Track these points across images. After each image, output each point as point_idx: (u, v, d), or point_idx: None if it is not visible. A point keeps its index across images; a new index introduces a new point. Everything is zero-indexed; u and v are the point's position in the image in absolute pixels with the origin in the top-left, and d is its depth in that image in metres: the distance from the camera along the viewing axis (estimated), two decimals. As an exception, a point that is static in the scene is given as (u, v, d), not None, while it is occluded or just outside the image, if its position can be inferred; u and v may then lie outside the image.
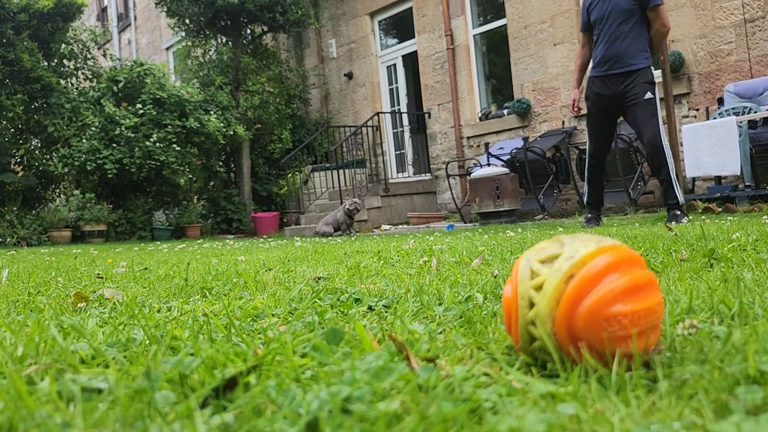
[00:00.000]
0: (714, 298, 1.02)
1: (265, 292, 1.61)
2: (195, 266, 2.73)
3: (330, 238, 7.85)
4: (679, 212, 4.85)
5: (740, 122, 6.78)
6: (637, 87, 4.79)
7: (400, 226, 10.00)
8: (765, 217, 4.19)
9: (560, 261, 0.77)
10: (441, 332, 1.00)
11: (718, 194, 7.10)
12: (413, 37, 11.65)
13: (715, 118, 7.29)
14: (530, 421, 0.56)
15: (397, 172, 12.17)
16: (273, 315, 1.24)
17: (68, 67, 12.00)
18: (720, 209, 6.62)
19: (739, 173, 6.77)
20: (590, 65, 5.31)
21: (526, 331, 0.78)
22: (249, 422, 0.60)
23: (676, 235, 2.59)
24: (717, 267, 1.57)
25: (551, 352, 0.75)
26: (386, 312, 1.27)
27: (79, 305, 1.44)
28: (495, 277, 1.65)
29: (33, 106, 11.11)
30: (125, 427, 0.59)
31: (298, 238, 7.90)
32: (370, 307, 1.32)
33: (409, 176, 11.98)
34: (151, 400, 0.65)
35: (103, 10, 20.44)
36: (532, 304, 0.78)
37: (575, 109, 5.40)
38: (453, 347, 0.90)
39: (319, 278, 1.88)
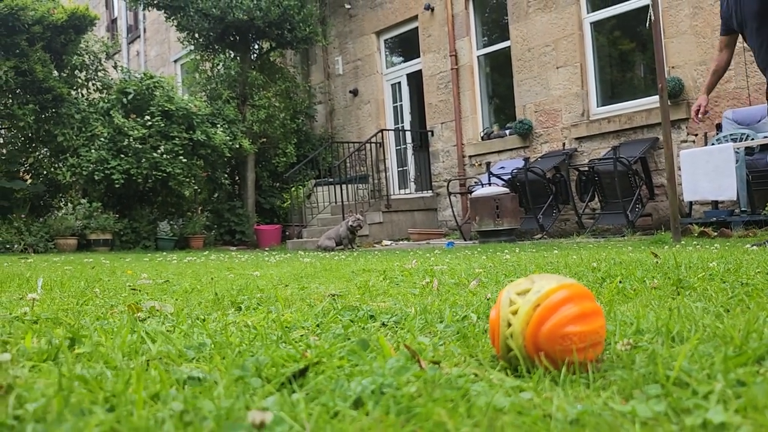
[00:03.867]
0: (659, 323, 1.29)
1: (291, 307, 1.80)
2: (216, 280, 2.90)
3: (332, 252, 8.00)
4: None
5: (737, 148, 6.96)
6: None
7: (401, 242, 10.16)
8: (748, 245, 4.35)
9: (530, 294, 1.04)
10: (442, 344, 1.24)
11: (715, 219, 7.26)
12: (418, 56, 11.88)
13: (713, 144, 7.47)
14: (499, 400, 0.82)
15: (399, 189, 12.35)
16: (302, 327, 1.45)
17: (79, 78, 12.22)
18: (716, 234, 6.77)
19: (735, 198, 6.94)
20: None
21: (504, 344, 1.05)
22: (316, 398, 0.85)
23: (658, 262, 2.76)
24: (683, 294, 1.76)
25: (521, 359, 1.02)
26: (397, 327, 1.48)
27: (136, 315, 1.62)
28: (488, 299, 1.82)
29: (44, 116, 11.31)
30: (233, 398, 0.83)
31: (301, 252, 8.06)
32: (383, 323, 1.52)
33: (410, 193, 12.16)
34: (246, 384, 0.92)
35: (113, 21, 20.75)
36: (509, 324, 1.04)
37: (698, 117, 5.07)
38: (451, 355, 1.15)
39: (334, 295, 2.05)
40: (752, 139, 7.14)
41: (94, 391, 0.86)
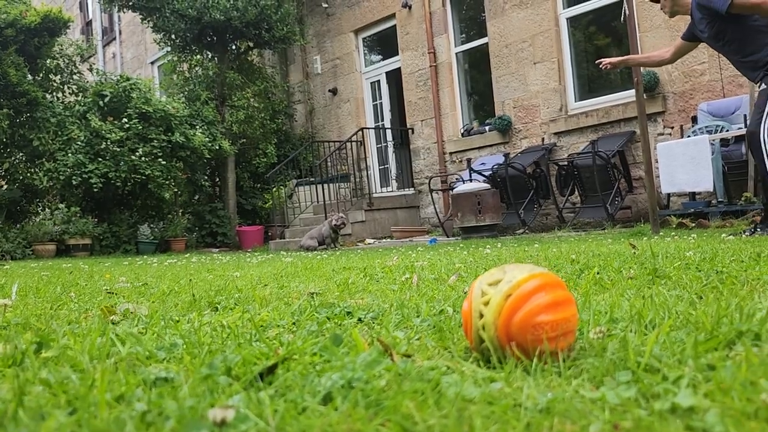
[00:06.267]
0: (633, 311, 1.29)
1: (268, 306, 1.79)
2: (195, 282, 2.88)
3: (315, 252, 7.97)
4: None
5: (713, 140, 7.03)
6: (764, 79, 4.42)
7: (384, 240, 10.15)
8: (724, 234, 4.40)
9: (502, 284, 1.03)
10: (417, 338, 1.24)
11: (692, 210, 7.33)
12: (397, 54, 11.87)
13: (689, 136, 7.55)
14: (469, 390, 0.81)
15: (381, 187, 12.34)
16: (278, 326, 1.44)
17: (54, 81, 12.07)
18: (693, 225, 6.85)
19: (712, 190, 7.02)
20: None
21: (477, 335, 1.04)
22: (284, 395, 0.83)
23: (635, 253, 2.78)
24: (658, 283, 1.77)
25: (492, 350, 1.01)
26: (374, 323, 1.47)
27: (110, 318, 1.59)
28: (465, 293, 1.82)
29: (18, 120, 11.15)
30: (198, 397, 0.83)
31: (284, 252, 8.02)
32: (359, 319, 1.51)
33: (392, 191, 12.15)
34: (215, 382, 0.89)
35: (88, 23, 20.49)
36: (481, 315, 1.03)
37: (605, 63, 5.16)
38: (425, 348, 1.15)
39: (313, 293, 2.04)
40: (727, 131, 7.22)
41: (57, 395, 0.84)
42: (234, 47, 12.97)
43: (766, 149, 4.30)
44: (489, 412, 0.74)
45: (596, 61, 5.35)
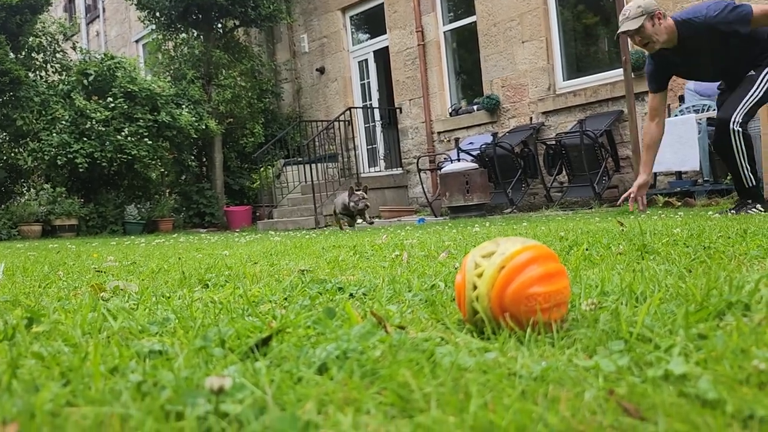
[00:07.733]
0: (623, 285, 1.30)
1: (259, 283, 1.79)
2: (184, 260, 2.87)
3: (305, 232, 7.95)
4: (749, 201, 4.36)
5: (699, 120, 7.06)
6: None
7: (372, 220, 10.14)
8: (711, 212, 4.44)
9: (495, 256, 1.04)
10: (410, 312, 1.24)
11: (679, 189, 7.38)
12: (385, 32, 11.78)
13: (676, 116, 7.57)
14: (464, 360, 0.82)
15: (369, 167, 12.31)
16: (270, 301, 1.44)
17: (37, 60, 11.88)
18: (680, 203, 6.90)
19: (698, 169, 7.06)
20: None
21: (471, 306, 1.05)
22: (279, 366, 0.83)
23: (623, 230, 2.80)
24: (647, 258, 1.79)
25: (486, 321, 1.03)
26: (365, 297, 1.48)
27: (100, 295, 1.58)
28: (456, 268, 1.83)
29: (1, 100, 10.98)
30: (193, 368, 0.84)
31: (272, 232, 8.00)
32: (351, 295, 1.51)
33: (380, 170, 12.12)
34: (209, 354, 0.89)
35: (71, 1, 20.15)
36: (475, 287, 1.04)
37: (632, 201, 4.56)
38: (418, 321, 1.16)
39: (303, 271, 2.04)
40: (714, 110, 7.24)
41: (51, 367, 0.84)
42: (220, 25, 12.80)
43: (735, 139, 4.20)
44: (484, 380, 0.75)
45: (624, 203, 4.81)
